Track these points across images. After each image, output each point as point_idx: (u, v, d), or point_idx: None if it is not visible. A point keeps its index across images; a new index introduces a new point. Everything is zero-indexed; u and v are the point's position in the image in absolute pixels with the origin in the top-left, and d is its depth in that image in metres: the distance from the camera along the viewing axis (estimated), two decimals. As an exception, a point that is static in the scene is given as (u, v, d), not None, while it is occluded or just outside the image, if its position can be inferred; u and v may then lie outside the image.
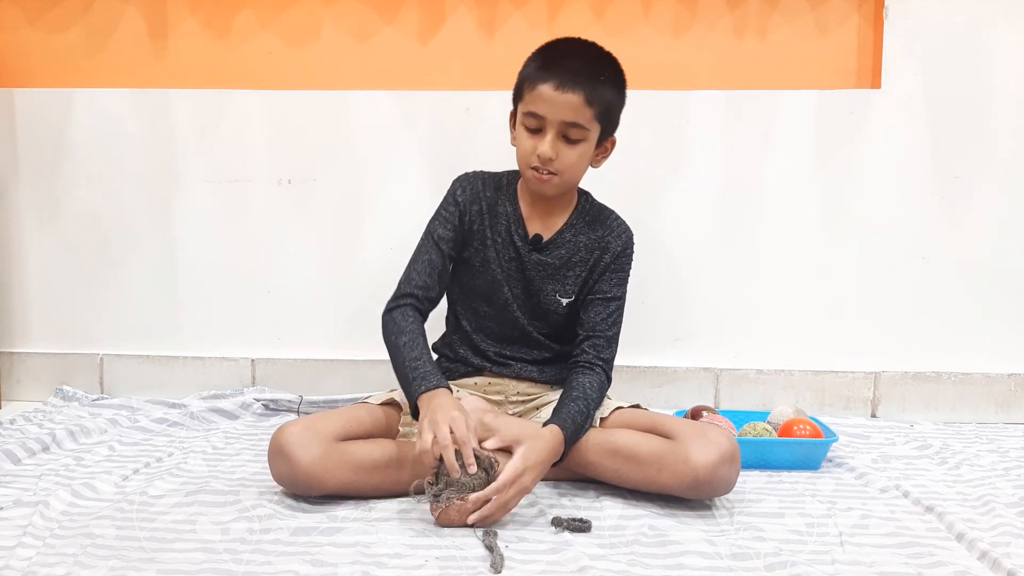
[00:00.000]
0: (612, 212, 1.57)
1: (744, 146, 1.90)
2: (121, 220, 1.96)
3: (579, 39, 1.47)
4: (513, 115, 1.50)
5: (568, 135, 1.40)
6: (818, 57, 1.92)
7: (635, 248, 1.56)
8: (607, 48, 1.46)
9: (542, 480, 1.42)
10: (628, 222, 1.57)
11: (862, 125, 1.88)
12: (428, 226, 1.54)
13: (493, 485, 1.23)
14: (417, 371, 1.37)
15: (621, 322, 1.53)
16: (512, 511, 1.28)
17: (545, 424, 1.35)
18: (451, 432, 1.24)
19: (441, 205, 1.55)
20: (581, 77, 1.38)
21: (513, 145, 1.50)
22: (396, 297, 1.50)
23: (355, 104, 1.92)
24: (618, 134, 1.88)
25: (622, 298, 1.53)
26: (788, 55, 1.92)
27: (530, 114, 1.41)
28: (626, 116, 1.88)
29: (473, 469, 1.23)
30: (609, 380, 1.48)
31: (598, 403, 1.44)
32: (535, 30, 1.91)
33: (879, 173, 1.90)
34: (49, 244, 1.97)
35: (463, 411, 1.29)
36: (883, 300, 1.92)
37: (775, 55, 1.92)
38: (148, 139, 1.94)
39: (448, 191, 1.55)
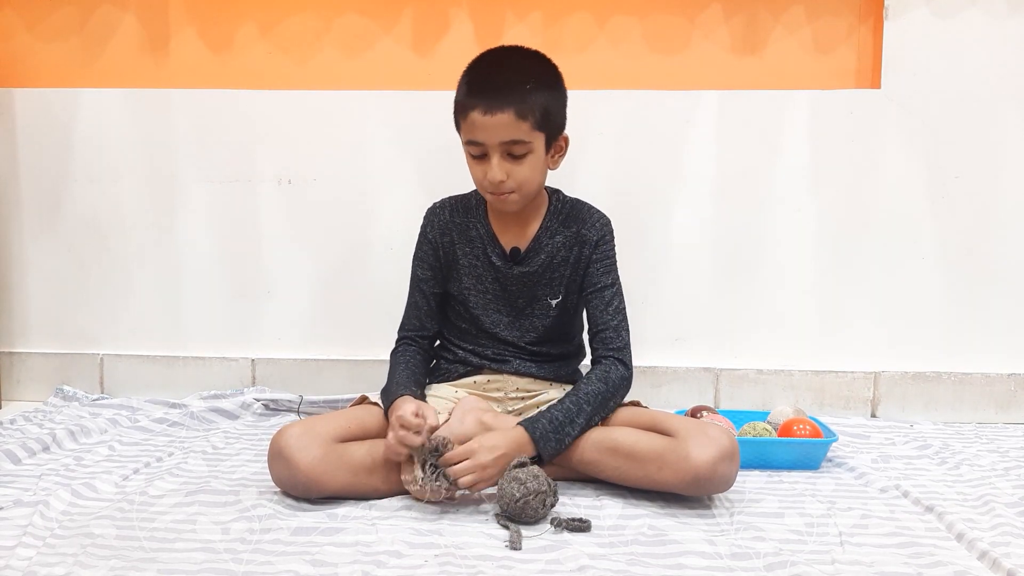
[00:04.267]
0: (584, 204, 1.57)
1: (744, 146, 1.90)
2: (121, 220, 1.96)
3: (504, 48, 1.47)
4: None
5: (512, 152, 1.40)
6: (818, 57, 1.92)
7: (629, 239, 1.57)
8: (607, 52, 1.46)
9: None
10: (628, 222, 1.57)
11: (862, 125, 1.88)
12: (412, 264, 1.58)
13: (455, 450, 1.30)
14: (390, 391, 1.43)
15: (624, 307, 1.52)
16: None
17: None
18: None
19: (417, 243, 1.58)
20: (507, 93, 1.37)
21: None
22: (396, 341, 1.57)
23: (355, 105, 1.92)
24: (618, 134, 1.90)
25: (615, 284, 1.52)
26: (788, 55, 1.92)
27: (469, 143, 1.42)
28: (626, 116, 1.89)
29: (418, 440, 1.30)
30: (626, 366, 1.47)
31: (602, 395, 1.42)
32: (534, 39, 1.91)
33: (879, 173, 1.89)
34: (49, 244, 1.97)
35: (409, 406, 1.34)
36: (883, 300, 1.92)
37: (775, 55, 1.92)
38: (148, 139, 1.94)
39: (421, 226, 1.58)
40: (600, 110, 1.89)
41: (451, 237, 1.54)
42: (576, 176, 1.81)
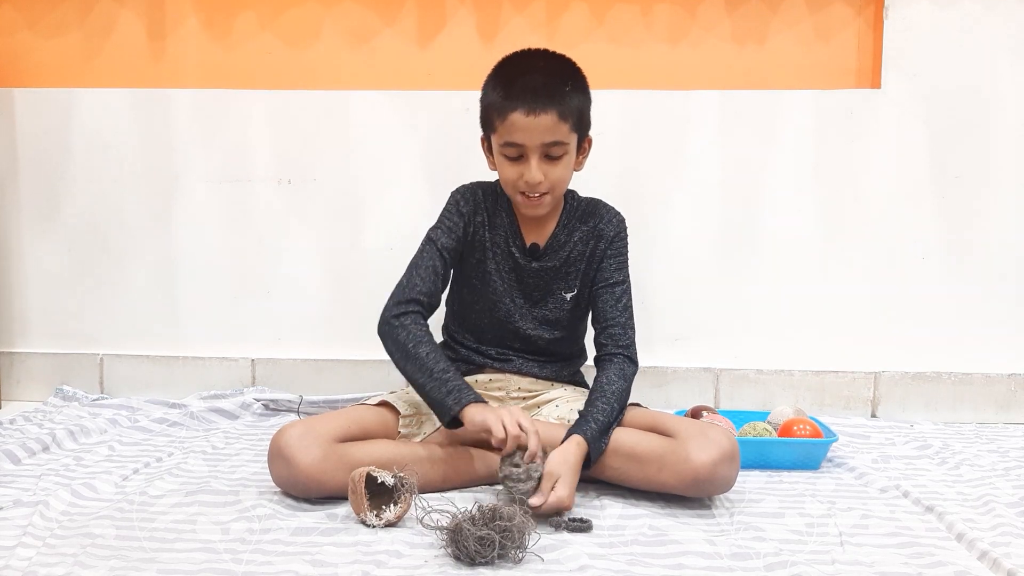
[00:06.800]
0: (599, 201, 1.58)
1: (744, 146, 1.90)
2: (121, 220, 1.96)
3: (532, 51, 1.48)
4: (485, 141, 1.49)
5: (550, 153, 1.41)
6: (818, 57, 1.92)
7: (629, 239, 1.56)
8: (607, 46, 1.46)
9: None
10: (628, 222, 1.57)
11: (862, 125, 1.88)
12: (429, 234, 1.53)
13: (548, 498, 1.25)
14: (450, 384, 1.36)
15: (632, 304, 1.53)
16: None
17: (568, 433, 1.34)
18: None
19: (443, 215, 1.54)
20: (548, 94, 1.38)
21: (492, 170, 1.50)
22: (401, 302, 1.46)
23: (355, 104, 1.92)
24: (618, 134, 1.90)
25: (626, 281, 1.53)
26: (788, 55, 1.92)
27: (508, 144, 1.41)
28: (627, 116, 1.89)
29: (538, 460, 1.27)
30: (634, 363, 1.48)
31: (623, 391, 1.42)
32: (535, 33, 1.91)
33: (879, 173, 1.89)
34: (49, 244, 1.97)
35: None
36: (883, 300, 1.92)
37: (775, 55, 1.92)
38: (148, 139, 1.94)
39: (449, 201, 1.55)
40: (600, 109, 1.87)
41: (483, 218, 1.54)
42: (576, 175, 1.81)
